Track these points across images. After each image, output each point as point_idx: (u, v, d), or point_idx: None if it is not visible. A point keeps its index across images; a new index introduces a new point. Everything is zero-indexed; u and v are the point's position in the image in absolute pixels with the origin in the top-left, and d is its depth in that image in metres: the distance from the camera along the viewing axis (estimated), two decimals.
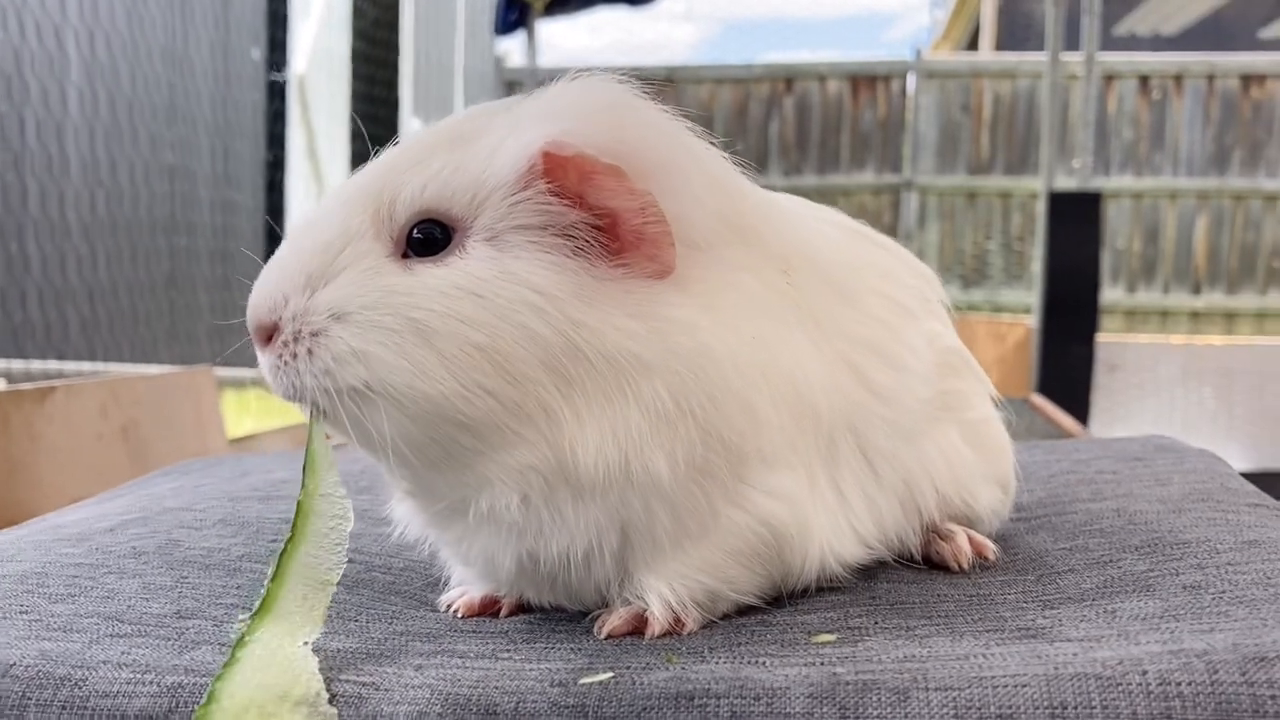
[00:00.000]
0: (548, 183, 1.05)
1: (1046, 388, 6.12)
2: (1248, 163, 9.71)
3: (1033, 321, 6.70)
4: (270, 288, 1.09)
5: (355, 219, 1.08)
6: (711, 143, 1.15)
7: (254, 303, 1.09)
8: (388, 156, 1.12)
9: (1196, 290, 9.82)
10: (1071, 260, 6.41)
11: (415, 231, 1.07)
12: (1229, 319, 9.68)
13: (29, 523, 1.67)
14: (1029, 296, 8.57)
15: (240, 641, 0.99)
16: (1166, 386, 6.30)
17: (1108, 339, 6.74)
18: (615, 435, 1.04)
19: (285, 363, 1.07)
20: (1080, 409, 5.99)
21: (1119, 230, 9.69)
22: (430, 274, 1.05)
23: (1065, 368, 6.27)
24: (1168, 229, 9.80)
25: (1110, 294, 9.44)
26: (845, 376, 1.19)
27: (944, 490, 1.30)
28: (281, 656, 0.98)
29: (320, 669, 0.98)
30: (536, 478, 1.06)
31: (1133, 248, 9.82)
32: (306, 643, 1.00)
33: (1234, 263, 9.75)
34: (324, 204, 1.13)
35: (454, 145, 1.09)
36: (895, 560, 1.30)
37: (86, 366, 6.22)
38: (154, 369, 5.33)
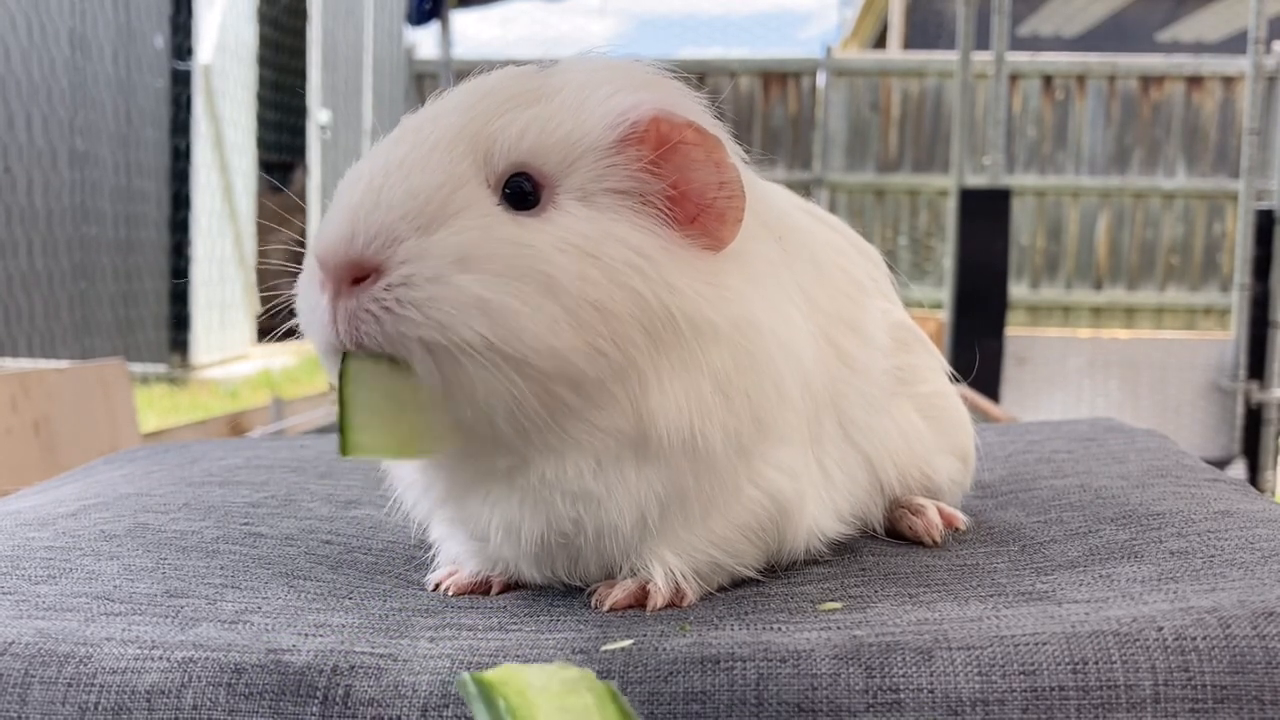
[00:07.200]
0: (643, 149, 1.05)
1: (957, 380, 6.22)
2: (1147, 162, 10.00)
3: (944, 315, 6.83)
4: (376, 223, 0.99)
5: (461, 164, 1.02)
6: None
7: (351, 235, 0.99)
8: (460, 104, 1.06)
9: (1098, 286, 10.09)
10: (982, 255, 6.54)
11: (507, 186, 1.03)
12: (1129, 314, 9.97)
13: None
14: (936, 292, 8.73)
15: None
16: (1074, 379, 6.46)
17: (1017, 332, 6.90)
18: (689, 403, 1.04)
19: (385, 309, 0.97)
20: (991, 401, 6.12)
21: (1023, 227, 9.91)
22: (539, 229, 1.02)
23: (976, 361, 6.39)
24: (1070, 226, 10.06)
25: (1015, 290, 9.66)
26: (827, 349, 1.21)
27: (902, 463, 1.32)
28: None
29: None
30: (614, 443, 1.04)
31: (1036, 245, 10.06)
32: None
33: (1134, 259, 10.03)
34: (402, 149, 1.03)
35: (531, 101, 1.06)
36: (861, 534, 1.32)
37: None
38: (63, 363, 5.18)
